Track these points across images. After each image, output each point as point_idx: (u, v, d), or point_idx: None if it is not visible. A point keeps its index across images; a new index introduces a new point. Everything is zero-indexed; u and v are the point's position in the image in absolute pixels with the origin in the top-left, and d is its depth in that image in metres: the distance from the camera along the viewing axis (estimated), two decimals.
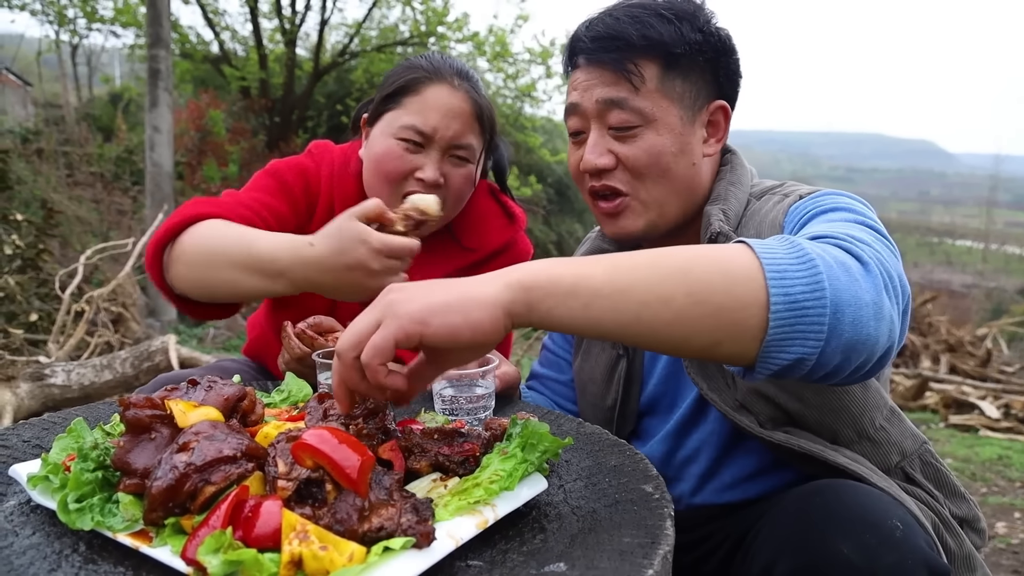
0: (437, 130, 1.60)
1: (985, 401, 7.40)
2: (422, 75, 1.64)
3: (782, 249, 0.92)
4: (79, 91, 16.83)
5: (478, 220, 1.83)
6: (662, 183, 1.36)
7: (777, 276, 0.88)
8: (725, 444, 1.39)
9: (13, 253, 5.25)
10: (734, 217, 1.35)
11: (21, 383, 3.62)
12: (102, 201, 9.46)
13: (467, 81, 1.67)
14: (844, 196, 1.24)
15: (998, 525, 3.92)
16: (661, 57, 1.32)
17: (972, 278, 25.33)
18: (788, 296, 0.87)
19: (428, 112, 1.61)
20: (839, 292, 0.88)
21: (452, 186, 1.65)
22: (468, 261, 1.80)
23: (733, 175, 1.42)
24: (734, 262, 0.90)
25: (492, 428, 1.08)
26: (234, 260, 1.37)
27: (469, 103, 1.64)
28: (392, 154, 1.62)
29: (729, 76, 1.40)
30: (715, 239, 1.29)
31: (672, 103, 1.34)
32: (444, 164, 1.63)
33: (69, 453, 0.97)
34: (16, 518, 0.93)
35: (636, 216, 1.39)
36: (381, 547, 0.77)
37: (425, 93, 1.62)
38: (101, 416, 1.32)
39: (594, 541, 0.89)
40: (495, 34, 14.22)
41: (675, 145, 1.34)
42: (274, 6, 13.61)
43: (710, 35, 1.35)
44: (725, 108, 1.41)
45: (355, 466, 0.81)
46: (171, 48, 8.52)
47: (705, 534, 1.37)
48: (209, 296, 1.48)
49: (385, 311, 0.89)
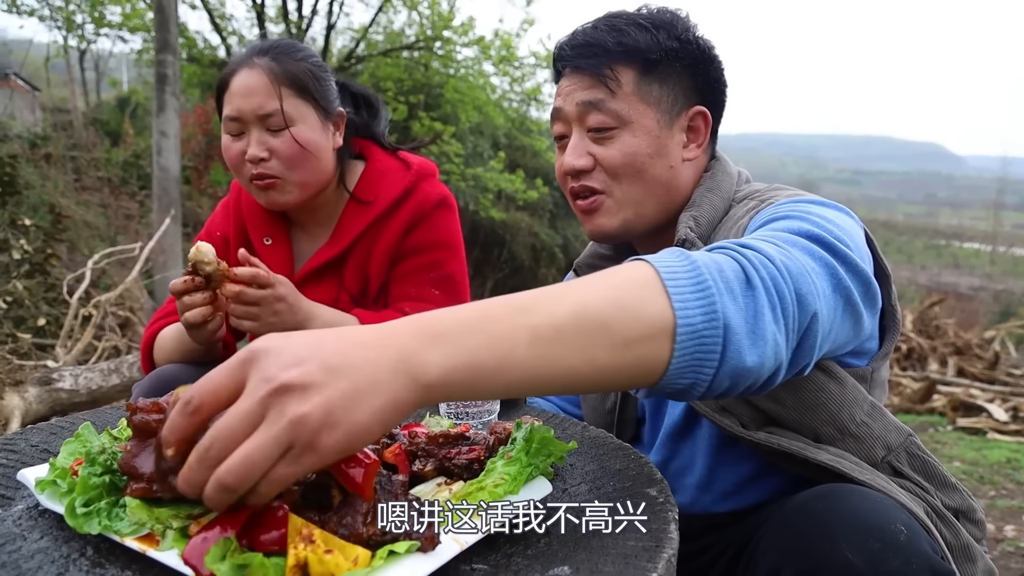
0: (241, 110, 1.72)
1: (993, 404, 7.36)
2: (228, 71, 1.78)
3: (680, 266, 0.89)
4: (87, 96, 16.92)
5: (374, 176, 1.91)
6: (637, 183, 1.39)
7: (681, 303, 0.85)
8: (717, 451, 1.39)
9: (21, 258, 5.28)
10: (707, 224, 1.37)
11: (29, 387, 3.64)
12: (109, 206, 9.50)
13: (265, 55, 1.75)
14: (816, 204, 1.21)
15: (1007, 528, 3.90)
16: (638, 63, 1.37)
17: (980, 281, 25.23)
18: (689, 325, 0.85)
19: (233, 99, 1.73)
20: (729, 316, 0.87)
21: (281, 153, 1.73)
22: (372, 215, 1.84)
23: (712, 181, 1.44)
24: (645, 292, 0.86)
25: (496, 432, 1.09)
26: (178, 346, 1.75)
27: (265, 73, 1.72)
28: (226, 147, 1.78)
29: (710, 84, 1.44)
30: (681, 245, 1.31)
31: (648, 107, 1.38)
32: (265, 137, 1.73)
33: (76, 458, 0.98)
34: (24, 522, 0.94)
35: (611, 214, 1.42)
36: (386, 551, 0.78)
37: (232, 84, 1.75)
38: (108, 420, 1.33)
39: (598, 545, 0.89)
40: (501, 38, 14.24)
41: (651, 147, 1.38)
42: (280, 11, 13.66)
43: (688, 43, 1.39)
44: (705, 114, 1.43)
45: (360, 470, 0.82)
46: (178, 53, 8.55)
47: (707, 544, 1.37)
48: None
49: (296, 437, 0.69)
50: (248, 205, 1.93)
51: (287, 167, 1.74)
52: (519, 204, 15.96)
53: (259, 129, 1.72)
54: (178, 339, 1.74)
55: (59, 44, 15.47)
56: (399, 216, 1.84)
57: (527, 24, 14.59)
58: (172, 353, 1.77)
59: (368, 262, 1.85)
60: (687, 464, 1.43)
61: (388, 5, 14.17)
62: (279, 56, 1.75)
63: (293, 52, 1.78)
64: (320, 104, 1.79)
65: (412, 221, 1.84)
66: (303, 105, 1.75)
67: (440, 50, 14.29)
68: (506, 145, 16.42)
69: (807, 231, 1.06)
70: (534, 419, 1.06)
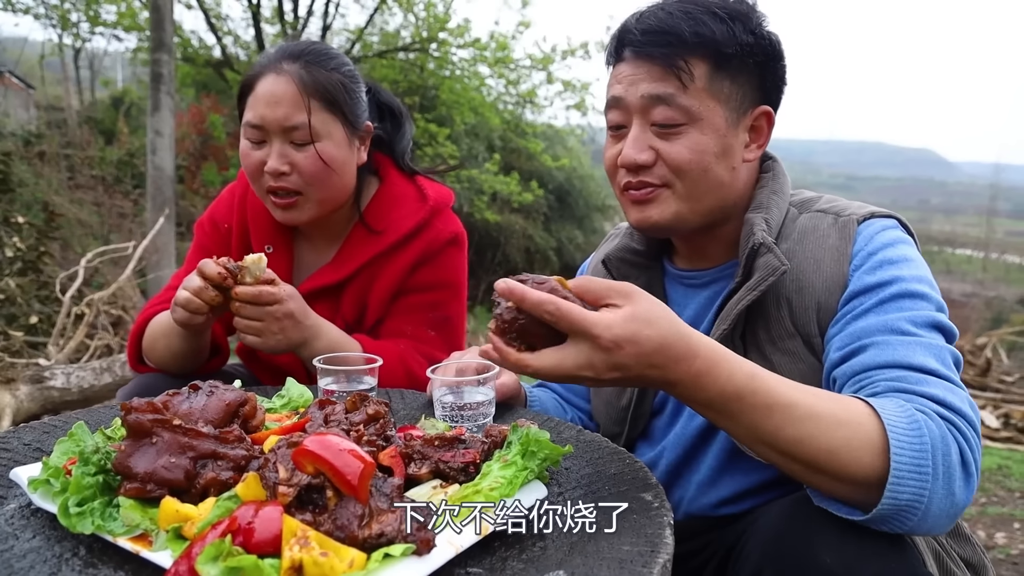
0: (265, 118, 1.64)
1: (985, 411, 7.39)
2: (254, 72, 1.69)
3: (908, 440, 0.98)
4: (81, 94, 16.85)
5: (387, 203, 1.83)
6: (700, 182, 1.33)
7: (895, 481, 0.96)
8: (729, 458, 1.39)
9: (14, 255, 5.26)
10: (775, 226, 1.35)
11: (21, 385, 3.62)
12: (103, 204, 9.46)
13: (295, 61, 1.66)
14: (895, 250, 1.26)
15: (997, 536, 3.91)
16: (712, 56, 1.30)
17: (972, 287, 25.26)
18: (895, 501, 0.96)
19: (257, 104, 1.65)
20: (934, 502, 0.97)
21: (303, 170, 1.66)
22: (380, 247, 1.78)
23: (776, 183, 1.41)
24: (865, 456, 0.99)
25: (492, 435, 1.09)
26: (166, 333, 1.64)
27: (295, 82, 1.64)
28: (244, 153, 1.69)
29: (775, 82, 1.39)
30: (757, 249, 1.30)
31: (719, 103, 1.32)
32: (288, 150, 1.65)
33: (70, 457, 0.98)
34: (16, 521, 0.93)
35: (665, 208, 1.36)
36: (381, 553, 0.77)
37: (257, 87, 1.67)
38: (101, 420, 1.32)
39: (593, 549, 0.89)
40: (496, 40, 14.23)
41: (718, 146, 1.32)
42: (276, 11, 13.63)
43: (761, 38, 1.33)
44: (769, 114, 1.38)
45: (356, 472, 0.82)
46: (174, 52, 8.52)
47: (700, 545, 1.37)
48: (178, 367, 1.70)
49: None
50: (254, 206, 1.85)
51: (308, 183, 1.66)
52: (514, 206, 15.94)
53: (282, 141, 1.64)
54: (168, 327, 1.63)
55: (54, 42, 15.42)
56: (408, 251, 1.78)
57: (523, 26, 14.58)
58: (158, 340, 1.67)
59: (368, 292, 1.80)
60: (697, 465, 1.43)
61: (384, 7, 14.16)
62: (310, 64, 1.66)
63: (326, 60, 1.69)
64: (348, 119, 1.70)
65: (421, 258, 1.78)
66: (331, 120, 1.67)
67: (436, 52, 14.27)
68: (501, 147, 16.40)
69: (933, 320, 1.17)
70: (529, 423, 1.05)
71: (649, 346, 0.98)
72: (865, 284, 1.22)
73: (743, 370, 1.02)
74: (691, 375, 1.00)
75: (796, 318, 1.30)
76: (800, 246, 1.33)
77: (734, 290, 1.34)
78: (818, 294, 1.27)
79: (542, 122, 16.42)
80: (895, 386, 1.07)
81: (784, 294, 1.31)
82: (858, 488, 0.99)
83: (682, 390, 1.03)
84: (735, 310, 1.30)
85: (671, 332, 0.99)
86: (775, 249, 1.28)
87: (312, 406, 1.16)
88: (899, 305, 1.18)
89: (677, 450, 1.45)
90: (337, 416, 1.11)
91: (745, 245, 1.32)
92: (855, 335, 1.18)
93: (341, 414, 1.11)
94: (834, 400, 1.04)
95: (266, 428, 1.13)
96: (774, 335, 1.32)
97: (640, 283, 1.40)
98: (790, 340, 1.30)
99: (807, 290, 1.29)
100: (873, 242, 1.27)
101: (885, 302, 1.19)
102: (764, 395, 1.01)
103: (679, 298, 1.51)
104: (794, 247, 1.33)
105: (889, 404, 1.03)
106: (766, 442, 1.03)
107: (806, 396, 1.03)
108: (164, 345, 1.65)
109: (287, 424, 1.14)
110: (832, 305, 1.26)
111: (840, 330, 1.22)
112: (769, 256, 1.28)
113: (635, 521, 0.97)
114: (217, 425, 1.03)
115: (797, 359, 1.30)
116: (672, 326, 1.00)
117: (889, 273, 1.22)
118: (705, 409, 1.05)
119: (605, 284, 1.03)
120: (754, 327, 1.33)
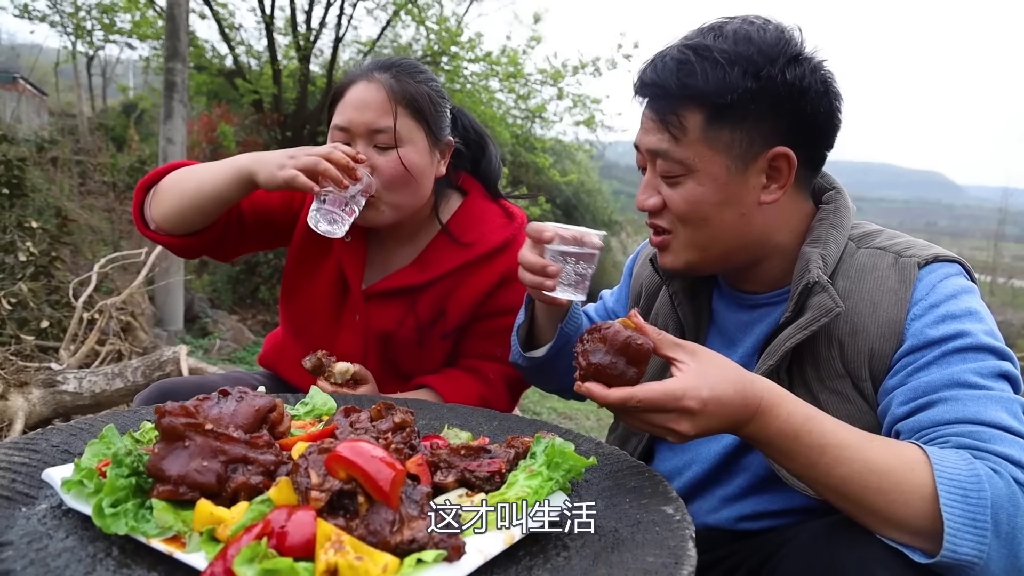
0: (352, 121, 1.72)
1: None
2: (346, 80, 1.79)
3: (969, 495, 0.99)
4: (93, 101, 16.95)
5: (474, 218, 1.90)
6: (702, 230, 1.33)
7: (951, 537, 0.98)
8: (762, 481, 1.39)
9: (27, 260, 5.29)
10: (832, 262, 1.32)
11: (33, 389, 3.63)
12: (114, 210, 9.48)
13: (387, 71, 1.75)
14: (965, 295, 1.24)
15: None
16: (706, 106, 1.27)
17: None
18: (953, 553, 0.98)
19: (346, 110, 1.74)
20: (992, 560, 0.98)
21: (382, 171, 1.72)
22: (468, 257, 1.84)
23: (836, 217, 1.37)
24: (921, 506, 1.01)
25: (515, 446, 1.10)
26: (199, 172, 1.75)
27: (384, 89, 1.73)
28: None
29: (801, 121, 1.29)
30: (812, 287, 1.28)
31: (717, 153, 1.28)
32: (371, 153, 1.72)
33: (102, 459, 0.99)
34: (49, 521, 0.94)
35: (676, 255, 1.39)
36: (414, 559, 0.79)
37: (347, 94, 1.76)
38: (126, 423, 1.34)
39: (618, 560, 0.90)
40: (508, 55, 14.28)
41: (717, 195, 1.30)
42: (289, 22, 13.70)
43: (770, 79, 1.24)
44: (788, 155, 1.29)
45: (388, 479, 0.83)
46: (187, 61, 8.59)
47: (720, 556, 1.37)
48: (179, 219, 1.76)
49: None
50: None
51: (386, 187, 1.72)
52: None
53: (366, 144, 1.72)
54: (203, 179, 1.72)
55: (68, 49, 15.53)
56: (495, 265, 1.84)
57: (534, 41, 14.62)
58: (187, 183, 1.75)
59: (449, 299, 1.85)
60: (728, 480, 1.44)
61: (396, 19, 14.23)
62: (400, 74, 1.75)
63: (415, 73, 1.78)
64: (432, 129, 1.77)
65: (507, 275, 1.83)
66: (415, 128, 1.74)
67: (447, 65, 14.33)
68: (510, 162, 16.43)
69: (1000, 370, 1.16)
70: (552, 434, 1.07)
71: (731, 406, 1.07)
72: (928, 338, 1.19)
73: (800, 411, 1.08)
74: (755, 417, 1.08)
75: (847, 360, 1.27)
76: (857, 285, 1.30)
77: (783, 325, 1.32)
78: (872, 340, 1.25)
79: (551, 137, 16.47)
80: (966, 442, 1.07)
81: (836, 335, 1.28)
82: (915, 535, 1.01)
83: (745, 431, 1.10)
84: (783, 347, 1.29)
85: (740, 384, 1.07)
86: (830, 289, 1.26)
87: (337, 414, 1.17)
88: (963, 357, 1.16)
89: (707, 463, 1.46)
90: (363, 424, 1.12)
91: (799, 280, 1.30)
92: (920, 390, 1.16)
93: (367, 422, 1.13)
94: (888, 445, 1.07)
95: (292, 435, 1.15)
96: (823, 374, 1.30)
97: (684, 288, 1.50)
98: (839, 380, 1.28)
99: (861, 334, 1.26)
100: (935, 292, 1.24)
101: (949, 355, 1.17)
102: (819, 435, 1.07)
103: (724, 311, 1.51)
104: (851, 286, 1.30)
105: (950, 455, 1.03)
106: (819, 480, 1.08)
107: (860, 438, 1.07)
108: (194, 187, 1.73)
109: (313, 431, 1.16)
110: (886, 351, 1.24)
111: (901, 383, 1.20)
112: (823, 296, 1.26)
113: (658, 534, 0.98)
114: (246, 430, 1.04)
115: (845, 400, 1.28)
116: (739, 378, 1.07)
117: (953, 327, 1.19)
118: (764, 446, 1.11)
119: (669, 341, 1.11)
120: (802, 364, 1.32)
